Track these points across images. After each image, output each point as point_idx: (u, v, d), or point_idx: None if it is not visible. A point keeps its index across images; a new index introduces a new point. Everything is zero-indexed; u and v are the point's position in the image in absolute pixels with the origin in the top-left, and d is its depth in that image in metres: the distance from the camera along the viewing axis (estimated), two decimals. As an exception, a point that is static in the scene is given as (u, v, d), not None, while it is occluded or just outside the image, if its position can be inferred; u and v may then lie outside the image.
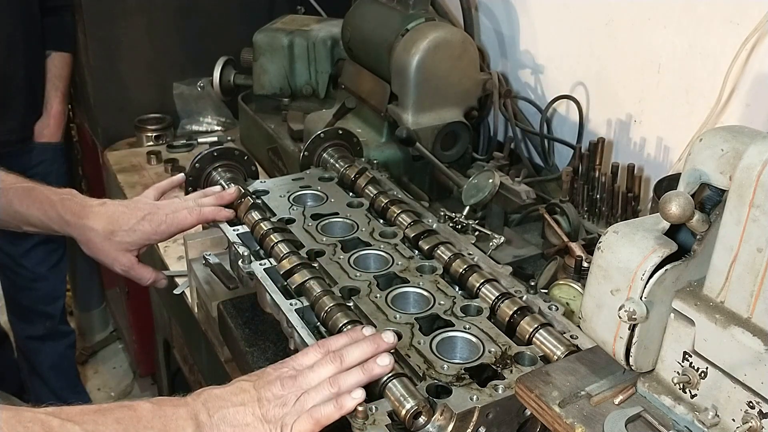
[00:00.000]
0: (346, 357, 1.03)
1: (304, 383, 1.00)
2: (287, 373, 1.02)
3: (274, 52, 2.23)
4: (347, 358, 1.03)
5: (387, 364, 1.01)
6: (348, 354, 1.03)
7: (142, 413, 0.93)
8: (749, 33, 1.43)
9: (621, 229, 0.84)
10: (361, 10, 2.01)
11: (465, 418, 0.99)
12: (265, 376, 1.02)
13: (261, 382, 1.01)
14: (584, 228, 1.60)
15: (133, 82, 2.55)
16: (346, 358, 1.02)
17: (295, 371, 1.02)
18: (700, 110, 1.58)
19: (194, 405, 0.97)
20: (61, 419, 0.87)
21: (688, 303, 0.80)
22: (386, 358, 1.01)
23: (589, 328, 0.88)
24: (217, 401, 0.98)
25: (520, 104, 2.08)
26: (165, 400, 0.97)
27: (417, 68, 1.79)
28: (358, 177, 1.59)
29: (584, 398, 0.88)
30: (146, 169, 2.32)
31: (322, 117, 1.98)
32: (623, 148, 1.82)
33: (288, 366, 1.04)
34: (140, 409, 0.94)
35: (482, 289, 1.24)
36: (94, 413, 0.91)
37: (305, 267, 1.29)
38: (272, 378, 1.01)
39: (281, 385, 1.00)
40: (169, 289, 1.62)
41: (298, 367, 1.03)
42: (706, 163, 0.80)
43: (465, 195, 1.64)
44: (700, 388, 0.81)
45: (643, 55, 1.72)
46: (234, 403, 0.98)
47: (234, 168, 1.64)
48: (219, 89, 2.38)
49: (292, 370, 1.03)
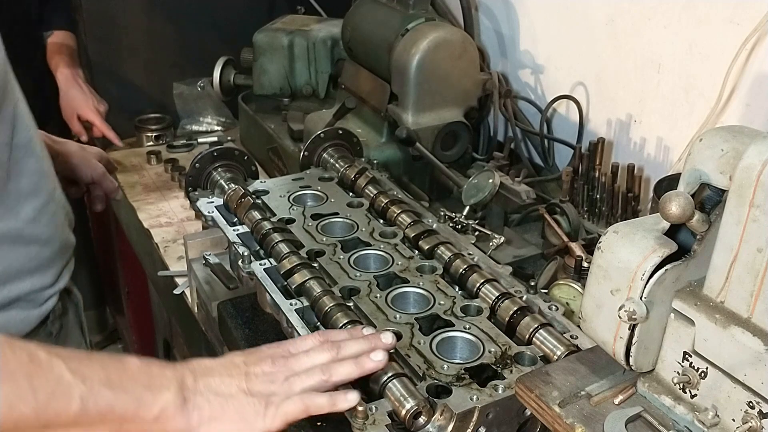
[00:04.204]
0: (343, 348, 1.03)
1: (296, 366, 1.00)
2: (280, 353, 1.02)
3: (274, 52, 2.23)
4: (343, 349, 1.03)
5: (380, 360, 1.00)
6: (345, 346, 1.03)
7: (129, 366, 0.94)
8: (749, 33, 1.43)
9: (621, 229, 0.84)
10: (361, 10, 2.01)
11: (465, 418, 0.99)
12: (258, 352, 1.03)
13: (252, 357, 1.01)
14: (584, 228, 1.60)
15: (133, 82, 2.54)
16: (343, 350, 1.02)
17: (289, 353, 1.02)
18: (700, 110, 1.58)
19: (182, 369, 0.98)
20: (49, 353, 0.88)
21: (688, 303, 0.80)
22: (380, 354, 1.01)
23: (589, 328, 0.88)
24: (205, 369, 0.98)
25: (520, 104, 2.08)
26: (155, 362, 0.98)
27: (417, 68, 1.79)
28: (358, 177, 1.59)
29: (584, 398, 0.88)
30: (146, 169, 2.32)
31: (322, 117, 1.98)
32: (623, 148, 1.82)
33: (283, 348, 1.04)
34: (128, 363, 0.95)
35: (482, 289, 1.24)
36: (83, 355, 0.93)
37: (305, 267, 1.29)
38: (264, 355, 1.02)
39: (272, 363, 1.00)
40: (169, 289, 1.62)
41: (294, 351, 1.03)
42: (706, 163, 0.80)
43: (465, 195, 1.64)
44: (700, 388, 0.81)
45: (643, 55, 1.72)
46: (221, 374, 0.98)
47: (234, 168, 1.64)
48: (219, 89, 2.38)
49: (287, 352, 1.03)
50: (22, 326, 1.21)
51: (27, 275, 1.20)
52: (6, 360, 0.84)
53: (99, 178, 1.58)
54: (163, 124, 2.50)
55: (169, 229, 1.97)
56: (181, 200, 2.10)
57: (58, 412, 0.87)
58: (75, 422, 0.88)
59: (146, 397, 0.92)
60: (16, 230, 1.17)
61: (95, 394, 0.89)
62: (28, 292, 1.21)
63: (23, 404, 0.84)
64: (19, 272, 1.19)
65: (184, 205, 2.06)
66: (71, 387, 0.87)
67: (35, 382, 0.85)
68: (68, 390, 0.87)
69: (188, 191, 1.62)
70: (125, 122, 2.49)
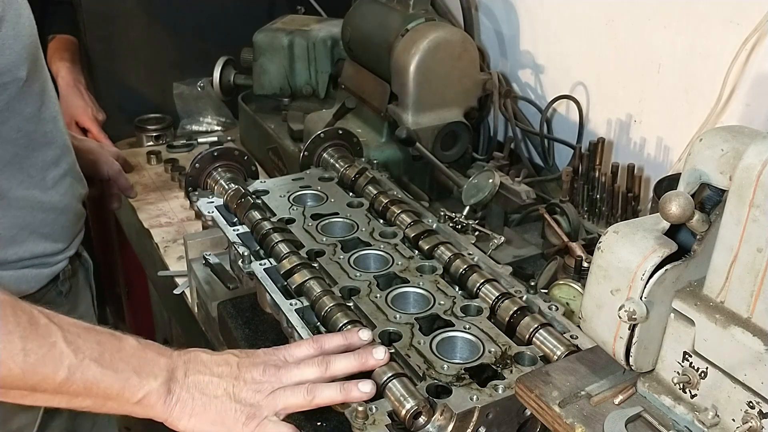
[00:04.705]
0: (332, 365, 1.03)
1: (285, 378, 1.01)
2: (274, 361, 1.03)
3: (274, 52, 2.23)
4: (333, 366, 1.03)
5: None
6: (335, 363, 1.03)
7: (125, 346, 0.98)
8: (749, 33, 1.43)
9: (621, 229, 0.84)
10: (361, 10, 2.01)
11: (465, 418, 0.99)
12: (253, 356, 1.04)
13: (246, 361, 1.02)
14: (584, 228, 1.60)
15: (133, 82, 2.54)
16: (332, 366, 1.03)
17: (282, 362, 1.04)
18: (700, 110, 1.58)
19: (176, 360, 1.00)
20: (49, 319, 0.93)
21: (688, 303, 0.80)
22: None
23: (589, 328, 0.88)
24: (199, 365, 1.00)
25: (520, 104, 2.08)
26: (153, 346, 1.01)
27: (417, 68, 1.79)
28: (358, 177, 1.59)
29: (584, 398, 0.88)
30: (146, 169, 2.32)
31: (322, 117, 1.98)
32: (623, 148, 1.82)
33: (278, 355, 1.05)
34: (125, 342, 0.99)
35: (482, 289, 1.24)
36: (83, 328, 0.96)
37: (305, 267, 1.29)
38: (258, 361, 1.03)
39: (263, 371, 1.01)
40: (169, 289, 1.62)
41: (289, 358, 1.05)
42: (706, 163, 0.80)
43: (465, 195, 1.64)
44: (700, 388, 0.81)
45: (643, 55, 1.72)
46: (212, 373, 1.00)
47: (234, 168, 1.64)
48: (219, 89, 2.38)
49: (280, 360, 1.04)
50: (34, 283, 1.30)
51: (41, 239, 1.29)
52: (6, 320, 0.89)
53: (115, 176, 1.67)
54: (163, 124, 2.50)
55: (169, 229, 1.97)
56: (181, 200, 2.10)
57: (45, 377, 0.91)
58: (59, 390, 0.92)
59: (133, 381, 0.96)
60: (36, 197, 1.26)
61: (84, 368, 0.93)
62: (41, 254, 1.30)
63: (12, 362, 0.89)
64: (34, 235, 1.27)
65: (184, 205, 2.06)
66: (62, 356, 0.91)
67: (29, 344, 0.90)
68: (59, 358, 0.91)
69: (188, 191, 1.62)
70: (125, 122, 2.49)
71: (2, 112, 1.17)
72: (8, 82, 1.15)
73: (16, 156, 1.21)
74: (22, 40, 1.16)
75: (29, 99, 1.21)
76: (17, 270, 1.27)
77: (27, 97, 1.21)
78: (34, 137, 1.24)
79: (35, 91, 1.23)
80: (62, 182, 1.32)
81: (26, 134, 1.22)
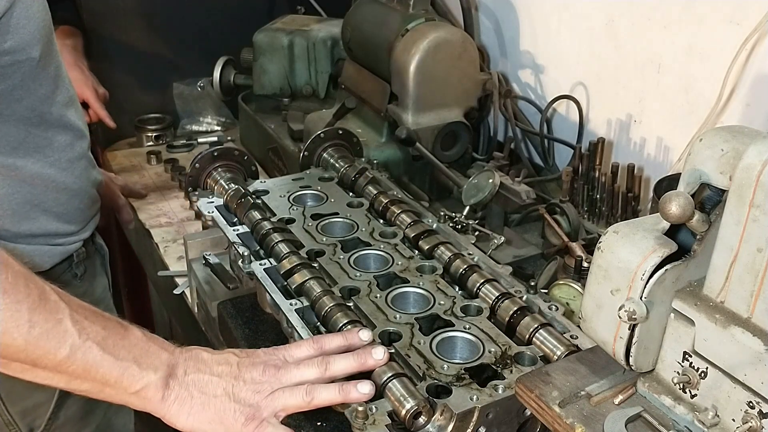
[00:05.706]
0: (331, 366, 1.03)
1: (284, 378, 1.01)
2: (274, 361, 1.03)
3: (274, 52, 2.23)
4: (332, 367, 1.03)
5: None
6: (334, 363, 1.04)
7: (129, 336, 0.99)
8: (749, 33, 1.43)
9: (621, 229, 0.84)
10: (361, 10, 2.01)
11: (465, 418, 0.99)
12: (254, 356, 1.04)
13: (246, 361, 1.02)
14: (584, 228, 1.60)
15: (133, 82, 2.54)
16: (331, 367, 1.03)
17: (282, 362, 1.04)
18: (700, 110, 1.58)
19: (178, 357, 1.01)
20: (59, 297, 0.95)
21: (688, 303, 0.80)
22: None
23: (589, 328, 0.88)
24: (199, 364, 1.01)
25: (520, 104, 2.08)
26: (158, 340, 1.02)
27: (417, 68, 1.79)
28: (358, 177, 1.59)
29: (584, 398, 0.88)
30: (146, 169, 2.32)
31: (322, 117, 1.98)
32: (623, 148, 1.82)
33: (278, 355, 1.05)
34: (130, 332, 0.99)
35: (482, 289, 1.24)
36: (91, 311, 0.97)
37: (305, 267, 1.29)
38: (258, 361, 1.03)
39: (263, 372, 1.01)
40: (169, 289, 1.62)
41: (288, 359, 1.05)
42: (706, 163, 0.80)
43: (465, 195, 1.64)
44: (700, 388, 0.81)
45: (643, 55, 1.72)
46: (212, 372, 1.00)
47: (234, 168, 1.64)
48: (219, 89, 2.38)
49: (280, 360, 1.04)
50: (47, 258, 1.32)
51: (54, 218, 1.31)
52: (17, 290, 0.90)
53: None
54: (163, 124, 2.50)
55: (169, 229, 1.97)
56: (181, 200, 2.10)
57: (46, 352, 0.92)
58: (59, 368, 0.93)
59: (132, 370, 0.96)
60: (50, 176, 1.28)
61: (85, 349, 0.93)
62: (54, 233, 1.32)
63: (17, 332, 0.90)
64: (47, 214, 1.29)
65: (184, 205, 2.06)
66: (66, 334, 0.92)
67: (36, 316, 0.91)
68: (63, 335, 0.92)
69: (188, 191, 1.62)
70: (125, 122, 2.49)
71: (17, 90, 1.19)
72: (22, 60, 1.18)
73: (30, 134, 1.24)
74: (35, 21, 1.19)
75: (43, 80, 1.24)
76: (30, 245, 1.28)
77: (41, 78, 1.23)
78: (48, 119, 1.26)
79: (49, 74, 1.25)
80: (77, 165, 1.34)
81: (40, 114, 1.24)
